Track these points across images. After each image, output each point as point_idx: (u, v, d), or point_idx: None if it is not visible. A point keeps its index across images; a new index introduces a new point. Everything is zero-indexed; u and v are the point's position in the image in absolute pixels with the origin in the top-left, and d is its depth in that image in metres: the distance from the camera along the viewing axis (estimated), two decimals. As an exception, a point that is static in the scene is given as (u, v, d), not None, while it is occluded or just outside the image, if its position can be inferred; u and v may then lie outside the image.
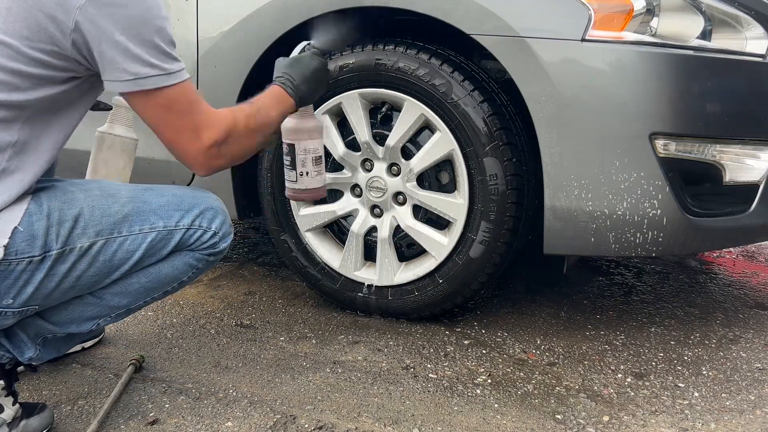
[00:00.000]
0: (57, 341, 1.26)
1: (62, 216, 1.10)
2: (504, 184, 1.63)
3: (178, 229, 1.19)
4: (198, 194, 1.24)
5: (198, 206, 1.21)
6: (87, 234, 1.11)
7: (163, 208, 1.18)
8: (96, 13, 1.02)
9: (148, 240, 1.16)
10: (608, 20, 1.47)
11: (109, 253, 1.14)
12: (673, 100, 1.48)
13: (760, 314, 1.98)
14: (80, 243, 1.11)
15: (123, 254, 1.15)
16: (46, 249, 1.08)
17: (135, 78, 1.06)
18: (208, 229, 1.22)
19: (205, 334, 1.75)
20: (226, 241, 1.25)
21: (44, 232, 1.07)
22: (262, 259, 2.42)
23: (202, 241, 1.22)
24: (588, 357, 1.66)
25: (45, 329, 1.21)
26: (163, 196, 1.20)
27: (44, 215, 1.08)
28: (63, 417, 1.34)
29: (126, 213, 1.15)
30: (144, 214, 1.16)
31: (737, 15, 1.56)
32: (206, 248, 1.23)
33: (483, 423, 1.35)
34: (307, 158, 1.50)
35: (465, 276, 1.70)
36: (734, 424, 1.37)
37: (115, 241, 1.14)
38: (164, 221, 1.17)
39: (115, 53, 1.04)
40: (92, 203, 1.13)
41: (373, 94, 1.73)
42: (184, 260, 1.22)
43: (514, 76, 1.54)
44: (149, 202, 1.18)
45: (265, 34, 1.76)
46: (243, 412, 1.37)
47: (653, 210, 1.50)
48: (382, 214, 1.81)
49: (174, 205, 1.19)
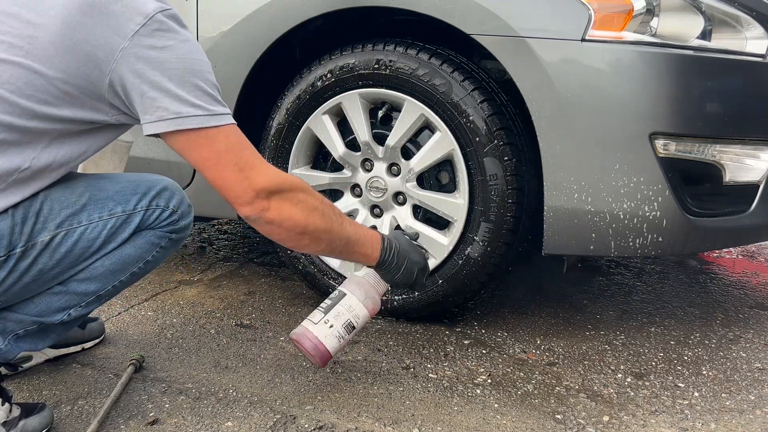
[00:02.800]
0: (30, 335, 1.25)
1: (25, 213, 1.10)
2: (504, 184, 1.63)
3: (136, 212, 1.20)
4: (153, 177, 1.25)
5: (154, 188, 1.22)
6: (47, 228, 1.12)
7: (119, 193, 1.19)
8: (138, 54, 1.04)
9: (108, 226, 1.17)
10: (608, 20, 1.47)
11: (70, 243, 1.14)
12: (673, 100, 1.48)
13: (760, 314, 1.98)
14: (41, 237, 1.11)
15: (85, 242, 1.15)
16: (10, 248, 1.08)
17: (176, 117, 1.07)
18: (166, 208, 1.22)
19: (205, 334, 1.75)
20: (185, 218, 1.26)
21: (9, 232, 1.08)
22: (262, 259, 2.42)
23: (161, 219, 1.23)
24: (588, 357, 1.66)
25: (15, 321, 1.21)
26: (119, 183, 1.20)
27: (9, 215, 1.08)
28: (63, 417, 1.34)
29: (84, 202, 1.15)
30: (101, 201, 1.17)
31: (737, 15, 1.56)
32: (166, 226, 1.24)
33: (483, 423, 1.34)
34: (343, 314, 1.39)
35: (465, 276, 1.70)
36: (734, 424, 1.37)
37: (75, 231, 1.14)
38: (122, 206, 1.18)
39: (156, 93, 1.06)
40: (51, 196, 1.13)
41: (373, 94, 1.73)
42: (146, 239, 1.23)
43: (514, 76, 1.54)
44: (105, 189, 1.18)
45: (265, 34, 1.76)
46: (243, 412, 1.37)
47: (653, 210, 1.50)
48: (382, 214, 1.81)
49: (130, 189, 1.20)
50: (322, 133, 1.81)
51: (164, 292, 2.05)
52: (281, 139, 1.84)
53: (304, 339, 1.37)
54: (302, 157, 1.87)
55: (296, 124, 1.82)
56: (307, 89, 1.78)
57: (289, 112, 1.82)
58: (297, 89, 1.80)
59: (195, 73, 1.08)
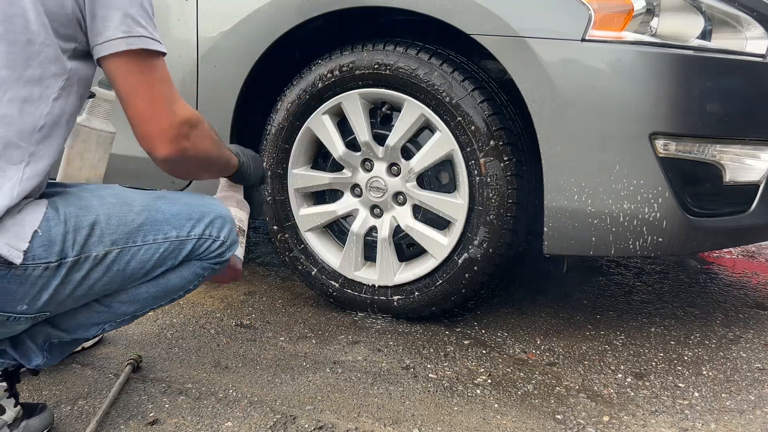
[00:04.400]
0: (62, 346, 1.25)
1: (78, 223, 1.08)
2: (504, 184, 1.63)
3: (189, 239, 1.18)
4: (206, 202, 1.24)
5: (208, 215, 1.20)
6: (103, 242, 1.10)
7: (175, 217, 1.17)
8: None
9: (161, 250, 1.15)
10: (608, 20, 1.47)
11: (123, 262, 1.12)
12: (673, 100, 1.48)
13: (760, 314, 1.98)
14: (96, 251, 1.09)
15: (137, 264, 1.14)
16: (62, 256, 1.06)
17: (126, 36, 1.04)
18: (217, 239, 1.21)
19: (205, 334, 1.75)
20: (232, 249, 1.25)
21: (61, 239, 1.05)
22: (262, 259, 2.42)
23: (211, 251, 1.21)
24: (588, 357, 1.66)
25: (52, 335, 1.21)
26: (175, 205, 1.19)
27: (61, 221, 1.06)
28: (63, 417, 1.34)
29: (141, 222, 1.13)
30: (158, 223, 1.15)
31: (737, 15, 1.56)
32: (214, 257, 1.23)
33: (483, 423, 1.34)
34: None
35: (465, 276, 1.70)
36: (734, 424, 1.37)
37: (129, 251, 1.13)
38: (177, 231, 1.17)
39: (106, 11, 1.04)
40: (108, 211, 1.11)
41: (373, 94, 1.73)
42: (192, 269, 1.22)
43: (514, 76, 1.54)
44: (163, 210, 1.17)
45: (265, 35, 1.76)
46: (243, 412, 1.37)
47: (653, 210, 1.50)
48: (382, 214, 1.81)
49: (186, 214, 1.18)
50: (322, 133, 1.81)
51: (164, 292, 2.05)
52: (281, 139, 1.84)
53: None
54: (302, 157, 1.86)
55: (296, 124, 1.82)
56: (307, 89, 1.78)
57: (289, 112, 1.82)
58: (297, 89, 1.80)
59: None
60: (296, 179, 1.86)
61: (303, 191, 1.88)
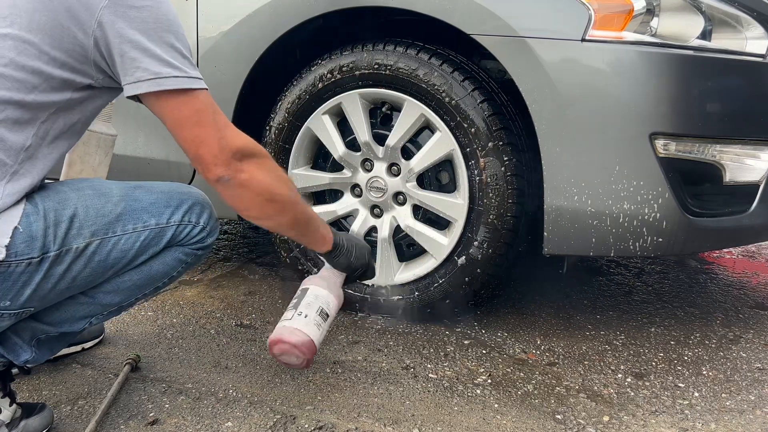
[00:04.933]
0: (50, 341, 1.26)
1: (58, 216, 1.08)
2: (504, 184, 1.63)
3: (169, 226, 1.19)
4: (184, 189, 1.24)
5: (186, 202, 1.22)
6: (83, 234, 1.10)
7: (153, 205, 1.18)
8: (118, 12, 1.03)
9: (142, 238, 1.16)
10: (608, 20, 1.47)
11: (104, 253, 1.13)
12: (673, 100, 1.48)
13: (760, 314, 1.98)
14: (76, 244, 1.10)
15: (118, 253, 1.15)
16: (44, 250, 1.06)
17: (155, 78, 1.05)
18: (197, 224, 1.22)
19: (205, 334, 1.75)
20: (213, 235, 1.26)
21: (42, 233, 1.06)
22: (262, 259, 2.42)
23: (192, 236, 1.23)
24: (588, 357, 1.66)
25: (39, 330, 1.21)
26: (153, 193, 1.20)
27: (41, 216, 1.06)
28: (63, 417, 1.34)
29: (119, 212, 1.15)
30: (136, 212, 1.16)
31: (737, 15, 1.56)
32: (195, 243, 1.24)
33: (483, 423, 1.34)
34: (313, 303, 1.37)
35: (465, 276, 1.70)
36: (734, 424, 1.37)
37: (110, 241, 1.14)
38: (156, 219, 1.18)
39: (137, 53, 1.04)
40: (86, 203, 1.12)
41: (373, 94, 1.73)
42: (174, 256, 1.23)
43: (514, 76, 1.54)
44: (140, 199, 1.18)
45: (264, 35, 1.76)
46: (243, 412, 1.37)
47: (653, 210, 1.50)
48: (382, 214, 1.81)
49: (164, 201, 1.19)
50: (322, 133, 1.81)
51: (164, 292, 2.05)
52: (281, 139, 1.84)
53: (285, 334, 1.33)
54: (302, 157, 1.87)
55: (296, 124, 1.82)
56: (307, 89, 1.78)
57: (289, 112, 1.82)
58: (297, 89, 1.80)
59: (173, 33, 1.07)
60: (296, 179, 1.86)
61: (303, 191, 1.88)
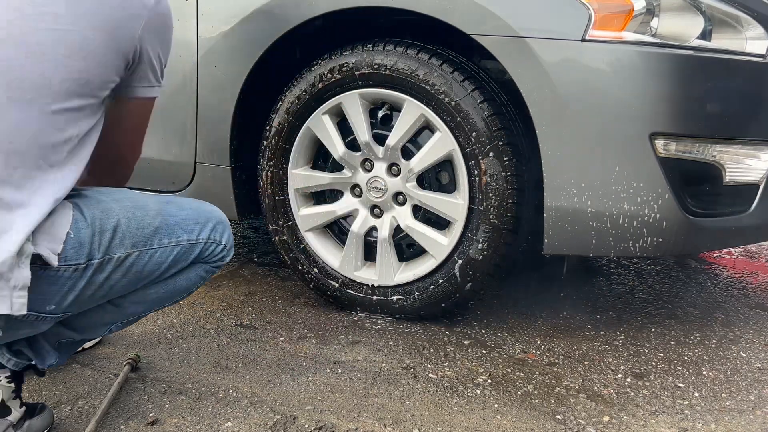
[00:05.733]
0: (69, 345, 1.29)
1: (103, 225, 1.12)
2: (504, 184, 1.62)
3: (198, 243, 1.24)
4: (208, 207, 1.30)
5: (212, 220, 1.27)
6: (124, 245, 1.14)
7: (185, 221, 1.23)
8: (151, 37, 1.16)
9: (175, 253, 1.21)
10: (608, 20, 1.47)
11: (141, 264, 1.17)
12: (673, 101, 1.48)
13: (760, 314, 1.98)
14: (118, 253, 1.13)
15: (152, 266, 1.19)
16: (89, 257, 1.10)
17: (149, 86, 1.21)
18: (220, 243, 1.28)
19: (205, 334, 1.75)
20: (231, 253, 1.32)
21: (89, 240, 1.09)
22: (262, 259, 2.42)
23: (215, 254, 1.28)
24: (588, 357, 1.66)
25: (64, 335, 1.24)
26: (184, 209, 1.25)
27: (89, 223, 1.10)
28: (63, 417, 1.34)
29: (156, 226, 1.19)
30: (171, 227, 1.21)
31: (737, 15, 1.56)
32: (216, 261, 1.29)
33: (483, 423, 1.34)
34: None
35: (465, 276, 1.70)
36: (734, 424, 1.37)
37: (147, 253, 1.17)
38: (188, 235, 1.23)
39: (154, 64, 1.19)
40: (127, 214, 1.16)
41: (373, 94, 1.73)
42: (197, 272, 1.28)
43: (514, 76, 1.54)
44: (174, 215, 1.22)
45: (264, 35, 1.76)
46: (243, 412, 1.37)
47: (653, 211, 1.50)
48: (382, 214, 1.81)
49: (193, 219, 1.25)
50: (322, 133, 1.81)
51: (164, 292, 2.05)
52: (281, 139, 1.84)
53: None
54: (302, 157, 1.86)
55: (296, 124, 1.82)
56: (307, 89, 1.78)
57: (289, 112, 1.82)
58: (297, 89, 1.80)
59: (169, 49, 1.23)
60: (296, 179, 1.86)
61: (303, 191, 1.88)
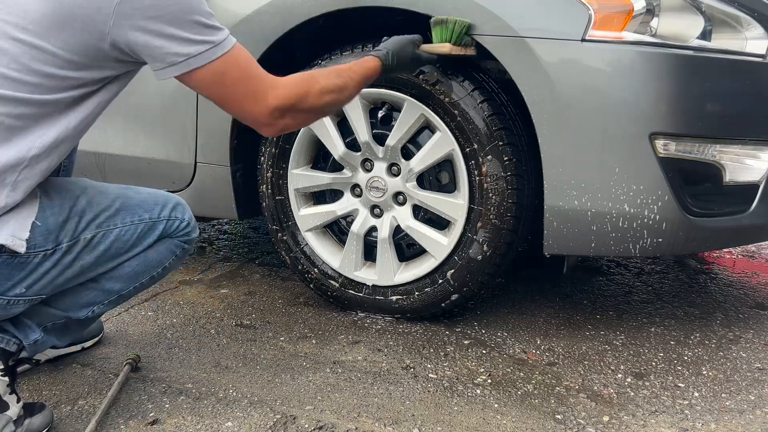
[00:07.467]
0: (56, 330, 1.35)
1: (70, 211, 1.20)
2: (504, 184, 1.62)
3: (160, 220, 1.34)
4: (164, 193, 1.39)
5: (170, 201, 1.37)
6: (89, 227, 1.23)
7: (144, 202, 1.33)
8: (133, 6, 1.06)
9: (138, 230, 1.30)
10: (608, 20, 1.47)
11: (107, 243, 1.26)
12: (673, 100, 1.48)
13: (760, 314, 1.98)
14: (84, 235, 1.22)
15: (119, 243, 1.28)
16: (57, 243, 1.18)
17: (186, 59, 1.11)
18: (182, 220, 1.37)
19: (205, 334, 1.75)
20: (195, 231, 1.41)
21: (57, 227, 1.18)
22: (262, 259, 2.42)
23: (179, 229, 1.37)
24: (588, 357, 1.66)
25: (46, 315, 1.32)
26: (141, 194, 1.34)
27: (55, 211, 1.18)
28: (63, 417, 1.34)
29: (118, 207, 1.28)
30: (132, 207, 1.31)
31: (737, 15, 1.56)
32: (182, 235, 1.38)
33: (483, 423, 1.35)
34: None
35: (465, 276, 1.70)
36: (734, 424, 1.37)
37: (112, 232, 1.27)
38: (149, 213, 1.32)
39: (161, 41, 1.09)
40: (90, 199, 1.25)
41: (373, 94, 1.73)
42: (166, 245, 1.36)
43: (514, 76, 1.54)
44: (133, 197, 1.32)
45: (264, 35, 1.76)
46: (243, 412, 1.37)
47: (653, 211, 1.50)
48: (382, 214, 1.81)
49: (152, 200, 1.34)
50: (322, 133, 1.81)
51: (164, 292, 2.05)
52: (281, 139, 1.84)
53: None
54: (302, 157, 1.86)
55: (296, 124, 1.82)
56: (307, 89, 1.78)
57: (289, 112, 1.81)
58: (297, 89, 1.80)
59: (191, 9, 1.10)
60: (296, 179, 1.86)
61: (303, 191, 1.88)
